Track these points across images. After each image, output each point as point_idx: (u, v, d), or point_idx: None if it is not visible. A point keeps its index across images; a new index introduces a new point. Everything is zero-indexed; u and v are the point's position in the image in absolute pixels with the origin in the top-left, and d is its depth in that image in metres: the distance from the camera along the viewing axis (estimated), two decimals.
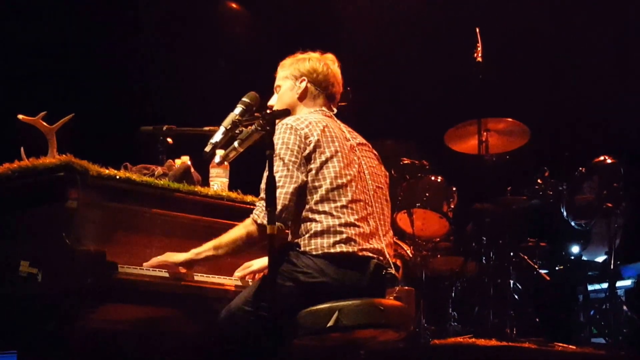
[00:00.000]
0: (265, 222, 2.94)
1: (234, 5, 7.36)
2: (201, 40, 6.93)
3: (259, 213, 3.00)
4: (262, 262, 3.31)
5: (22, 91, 5.76)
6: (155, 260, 3.07)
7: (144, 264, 3.05)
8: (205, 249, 3.05)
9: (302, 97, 3.31)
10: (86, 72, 6.21)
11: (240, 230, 3.03)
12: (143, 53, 6.54)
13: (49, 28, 6.14)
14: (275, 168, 2.84)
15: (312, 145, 3.07)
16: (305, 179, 3.04)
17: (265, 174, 3.00)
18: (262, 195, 3.01)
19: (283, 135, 3.04)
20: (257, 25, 7.23)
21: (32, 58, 6.03)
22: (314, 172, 3.06)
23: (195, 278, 3.15)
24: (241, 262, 3.36)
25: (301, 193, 3.04)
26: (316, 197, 3.04)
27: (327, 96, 3.32)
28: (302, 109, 3.30)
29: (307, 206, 3.04)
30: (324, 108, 3.30)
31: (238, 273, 3.34)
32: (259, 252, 3.26)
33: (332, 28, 7.09)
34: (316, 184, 3.05)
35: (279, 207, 2.91)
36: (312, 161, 3.07)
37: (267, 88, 3.39)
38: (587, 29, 6.77)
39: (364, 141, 3.36)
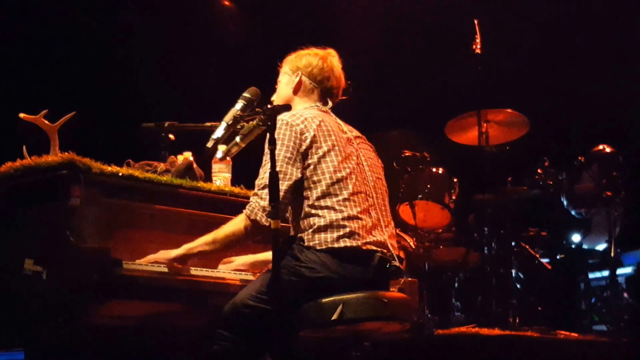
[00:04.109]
0: (257, 218, 2.96)
1: (227, 3, 7.36)
2: (202, 36, 6.93)
3: (252, 209, 3.01)
4: (246, 258, 3.36)
5: (23, 90, 5.77)
6: (149, 257, 3.08)
7: (136, 261, 3.05)
8: (198, 245, 3.06)
9: (296, 90, 3.32)
10: (87, 70, 6.22)
11: (233, 226, 3.05)
12: (144, 49, 6.54)
13: (50, 26, 6.14)
14: (269, 165, 2.85)
15: (308, 140, 3.08)
16: (300, 175, 3.05)
17: (262, 170, 3.03)
18: (256, 191, 3.03)
19: (278, 132, 3.04)
20: (258, 21, 7.22)
21: (33, 56, 6.04)
22: (312, 167, 3.07)
23: (200, 273, 3.17)
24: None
25: (298, 189, 3.06)
26: (317, 192, 3.05)
27: (323, 91, 3.32)
28: (298, 102, 3.30)
29: (309, 202, 3.06)
30: (318, 103, 3.31)
31: (222, 266, 3.36)
32: (266, 247, 3.28)
33: (332, 21, 7.09)
34: (315, 178, 3.06)
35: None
36: (309, 157, 3.08)
37: (268, 83, 3.40)
38: (585, 18, 6.77)
39: (360, 134, 3.37)
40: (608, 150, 5.71)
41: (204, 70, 6.88)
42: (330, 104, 3.34)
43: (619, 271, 5.76)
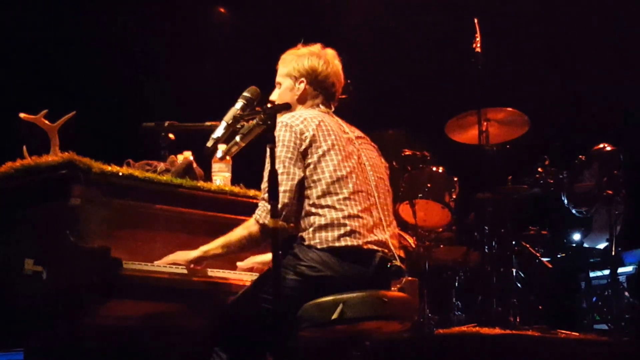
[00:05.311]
0: (266, 222, 2.97)
1: (223, 10, 7.38)
2: (202, 36, 6.94)
3: (261, 213, 3.02)
4: (260, 257, 3.36)
5: (23, 89, 5.77)
6: (168, 258, 3.10)
7: (156, 262, 3.06)
8: (213, 247, 3.08)
9: (301, 99, 3.31)
10: (87, 70, 6.22)
11: (243, 230, 3.06)
12: (144, 49, 6.55)
13: (50, 26, 6.14)
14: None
15: (307, 140, 3.08)
16: (302, 174, 3.06)
17: (266, 173, 3.03)
18: (263, 195, 3.04)
19: (279, 133, 3.05)
20: (258, 21, 7.22)
21: (33, 56, 6.04)
22: (312, 166, 3.07)
23: (202, 273, 3.16)
24: (247, 256, 3.39)
25: (301, 188, 3.06)
26: (317, 191, 3.06)
27: (327, 94, 3.32)
28: (301, 109, 3.31)
29: (310, 200, 3.06)
30: (321, 105, 3.31)
31: (240, 263, 3.38)
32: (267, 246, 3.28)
33: (332, 19, 7.09)
34: (315, 177, 3.07)
35: (279, 206, 2.92)
36: (309, 156, 3.08)
37: (268, 83, 3.39)
38: (586, 16, 6.77)
39: (362, 134, 3.37)
40: (609, 148, 5.70)
41: (204, 70, 6.88)
42: (332, 107, 3.35)
43: (620, 270, 5.75)
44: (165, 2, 6.72)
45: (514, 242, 5.67)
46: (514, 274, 5.57)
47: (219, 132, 3.02)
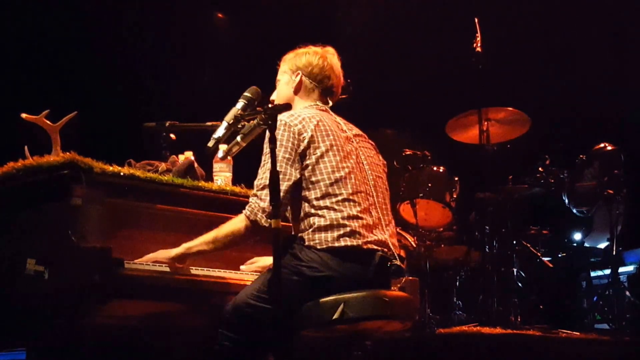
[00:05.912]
0: (257, 218, 2.98)
1: (221, 16, 7.40)
2: (203, 37, 6.95)
3: (252, 209, 3.02)
4: (268, 259, 3.35)
5: (24, 90, 5.78)
6: (148, 257, 3.08)
7: (136, 260, 3.05)
8: (197, 244, 3.06)
9: (297, 90, 3.33)
10: (89, 70, 6.23)
11: (232, 226, 3.06)
12: (146, 50, 6.56)
13: (52, 27, 6.15)
14: (268, 165, 2.86)
15: (306, 141, 3.09)
16: (298, 176, 3.06)
17: (260, 169, 3.03)
18: (255, 191, 3.04)
19: (277, 132, 3.04)
20: (258, 22, 7.23)
21: (35, 57, 6.05)
22: (310, 168, 3.08)
23: (202, 273, 3.17)
24: (246, 256, 3.39)
25: (297, 189, 3.06)
26: (316, 192, 3.06)
27: (323, 90, 3.33)
28: (298, 102, 3.32)
29: (309, 202, 3.06)
30: (318, 102, 3.31)
31: (244, 267, 3.37)
32: (266, 247, 3.29)
33: (332, 18, 7.10)
34: (314, 179, 3.07)
35: (273, 205, 2.92)
36: (307, 157, 3.08)
37: (268, 83, 3.40)
38: (586, 16, 6.77)
39: (360, 132, 3.37)
40: (609, 148, 5.70)
41: (205, 70, 6.89)
42: (330, 102, 3.35)
43: (621, 269, 5.75)
44: (166, 4, 6.73)
45: (514, 242, 5.67)
46: (515, 273, 5.58)
47: (220, 132, 3.02)
